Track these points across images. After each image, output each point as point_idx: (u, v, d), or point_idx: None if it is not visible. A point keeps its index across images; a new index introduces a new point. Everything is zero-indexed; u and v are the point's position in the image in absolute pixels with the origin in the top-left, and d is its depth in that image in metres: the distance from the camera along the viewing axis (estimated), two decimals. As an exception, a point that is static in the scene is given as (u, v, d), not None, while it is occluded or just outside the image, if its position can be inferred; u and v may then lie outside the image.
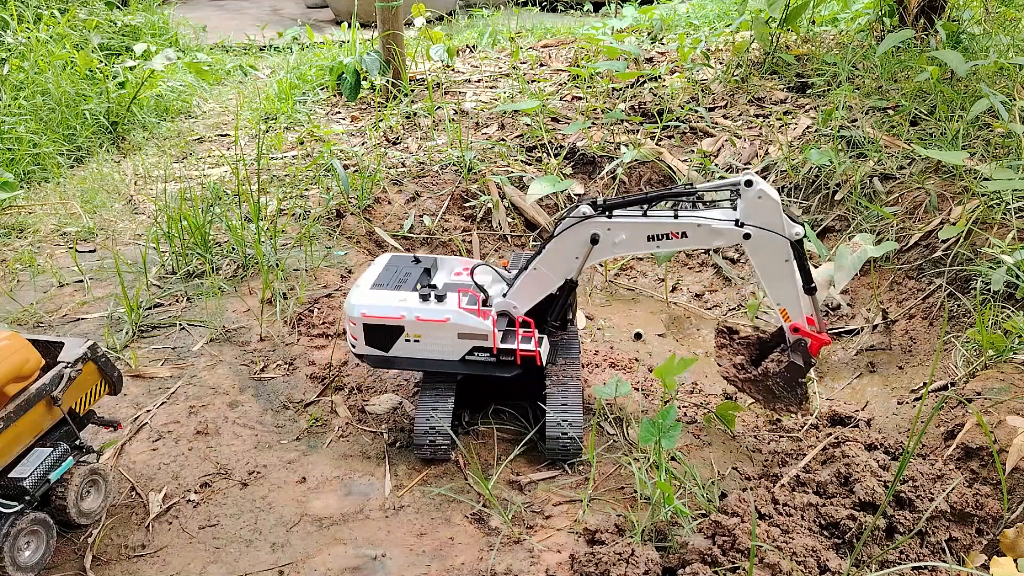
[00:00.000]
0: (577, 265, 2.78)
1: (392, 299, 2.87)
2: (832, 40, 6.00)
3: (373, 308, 2.85)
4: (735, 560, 2.28)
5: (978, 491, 2.50)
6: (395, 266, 3.09)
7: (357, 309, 2.86)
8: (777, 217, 2.58)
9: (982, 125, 4.29)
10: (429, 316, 2.81)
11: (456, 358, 2.87)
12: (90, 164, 5.30)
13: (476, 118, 5.53)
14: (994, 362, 3.00)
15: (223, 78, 7.41)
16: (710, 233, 2.63)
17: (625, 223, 2.67)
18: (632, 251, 2.74)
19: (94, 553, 2.44)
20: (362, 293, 2.92)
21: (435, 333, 2.83)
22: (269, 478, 2.78)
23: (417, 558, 2.46)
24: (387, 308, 2.84)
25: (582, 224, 2.68)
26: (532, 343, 2.81)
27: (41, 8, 6.66)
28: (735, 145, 4.92)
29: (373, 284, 2.96)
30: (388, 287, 2.94)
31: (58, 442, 2.44)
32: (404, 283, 2.96)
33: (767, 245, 2.62)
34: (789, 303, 2.74)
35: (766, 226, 2.59)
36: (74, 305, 3.64)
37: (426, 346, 2.87)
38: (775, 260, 2.64)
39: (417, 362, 2.91)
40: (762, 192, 2.54)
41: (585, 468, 2.83)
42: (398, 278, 3.00)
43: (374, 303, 2.87)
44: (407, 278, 2.99)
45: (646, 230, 2.67)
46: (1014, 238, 3.40)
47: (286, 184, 4.71)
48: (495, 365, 2.85)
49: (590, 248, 2.71)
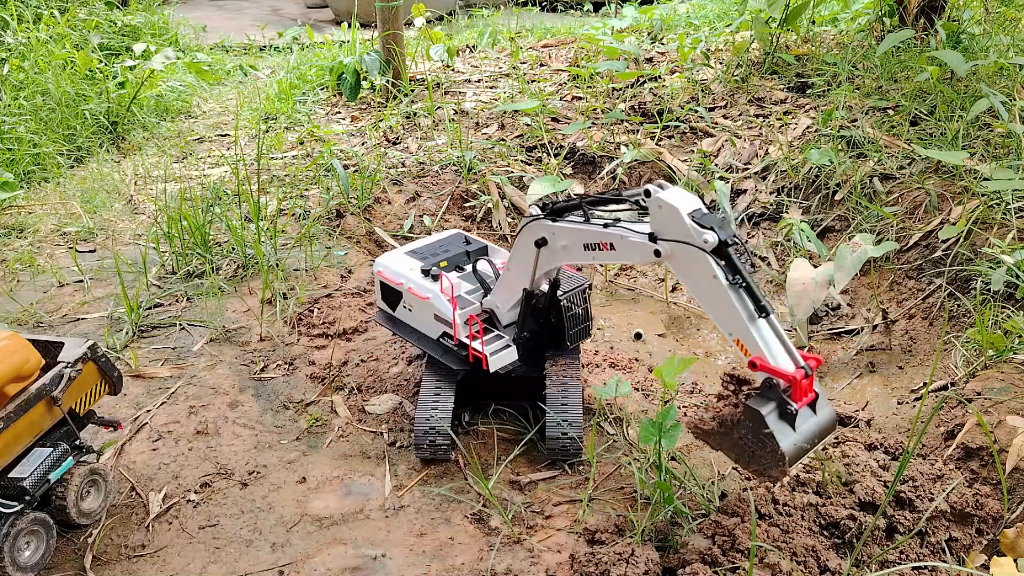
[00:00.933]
0: (529, 271, 2.70)
1: (405, 266, 3.05)
2: (832, 40, 6.00)
3: (387, 269, 3.08)
4: (735, 560, 2.28)
5: (978, 491, 2.50)
6: (446, 241, 3.24)
7: (377, 265, 3.13)
8: (682, 226, 2.18)
9: (982, 125, 4.29)
10: (416, 291, 2.96)
11: (434, 337, 3.01)
12: (90, 164, 5.29)
13: (476, 118, 5.53)
14: (994, 362, 3.00)
15: (223, 78, 7.41)
16: (629, 247, 2.32)
17: (566, 228, 2.50)
18: (575, 260, 2.55)
19: (94, 553, 2.44)
20: (393, 254, 3.16)
21: (420, 308, 3.00)
22: (269, 478, 2.78)
23: (417, 558, 2.46)
24: (396, 272, 3.05)
25: (531, 225, 2.59)
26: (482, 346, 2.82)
27: (41, 8, 6.65)
28: (735, 145, 4.92)
29: (411, 250, 3.16)
30: (418, 256, 3.11)
31: (58, 442, 2.44)
32: (434, 256, 3.10)
33: (685, 262, 2.22)
34: (738, 331, 2.20)
35: (676, 238, 2.20)
36: (74, 305, 3.64)
37: (416, 318, 3.04)
38: (702, 278, 2.20)
39: (409, 330, 3.08)
40: (661, 201, 2.21)
41: (585, 468, 2.83)
42: (436, 251, 3.15)
43: (390, 265, 3.09)
44: (443, 254, 3.13)
45: (582, 238, 2.47)
46: (1014, 238, 3.40)
47: (286, 184, 4.71)
48: (452, 354, 2.94)
49: (538, 252, 2.61)
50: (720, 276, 2.16)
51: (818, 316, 3.98)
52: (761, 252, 4.44)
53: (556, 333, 2.97)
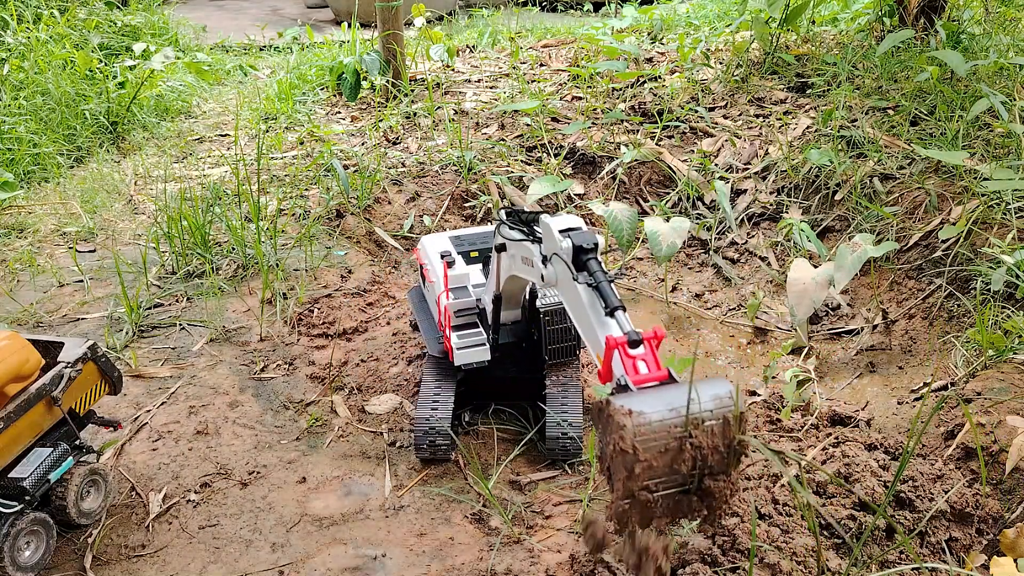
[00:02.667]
0: (494, 275, 2.63)
1: (436, 247, 3.11)
2: (832, 40, 6.00)
3: (422, 249, 3.19)
4: (735, 560, 2.28)
5: (978, 491, 2.50)
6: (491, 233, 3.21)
7: (420, 243, 3.24)
8: (551, 242, 2.05)
9: (982, 125, 4.29)
10: (431, 272, 3.03)
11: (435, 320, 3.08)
12: (90, 164, 5.29)
13: (476, 118, 5.53)
14: (994, 362, 3.00)
15: (223, 78, 7.41)
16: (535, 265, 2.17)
17: (514, 240, 2.36)
18: (522, 272, 2.38)
19: (94, 553, 2.44)
20: (436, 236, 3.25)
21: (432, 292, 3.06)
22: (269, 478, 2.78)
23: (417, 558, 2.46)
24: (425, 253, 3.14)
25: (498, 228, 2.44)
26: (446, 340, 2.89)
27: (41, 8, 6.65)
28: (735, 145, 4.92)
29: (455, 236, 3.22)
30: (456, 242, 3.18)
31: (58, 442, 2.44)
32: (471, 245, 3.16)
33: (560, 279, 2.06)
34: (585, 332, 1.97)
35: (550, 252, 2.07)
36: (74, 305, 3.64)
37: (431, 299, 3.10)
38: (568, 293, 2.04)
39: (426, 311, 3.16)
40: (544, 223, 2.11)
41: (585, 468, 2.83)
42: (475, 241, 3.20)
43: (426, 245, 3.18)
44: (480, 244, 3.19)
45: (520, 251, 2.32)
46: (1014, 238, 3.40)
47: (286, 184, 4.71)
48: (437, 342, 3.00)
49: (499, 257, 2.52)
50: (576, 283, 1.95)
51: (818, 316, 3.98)
52: (761, 252, 4.44)
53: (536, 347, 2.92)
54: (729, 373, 3.75)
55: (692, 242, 4.64)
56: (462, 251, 3.12)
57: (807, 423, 3.14)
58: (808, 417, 3.18)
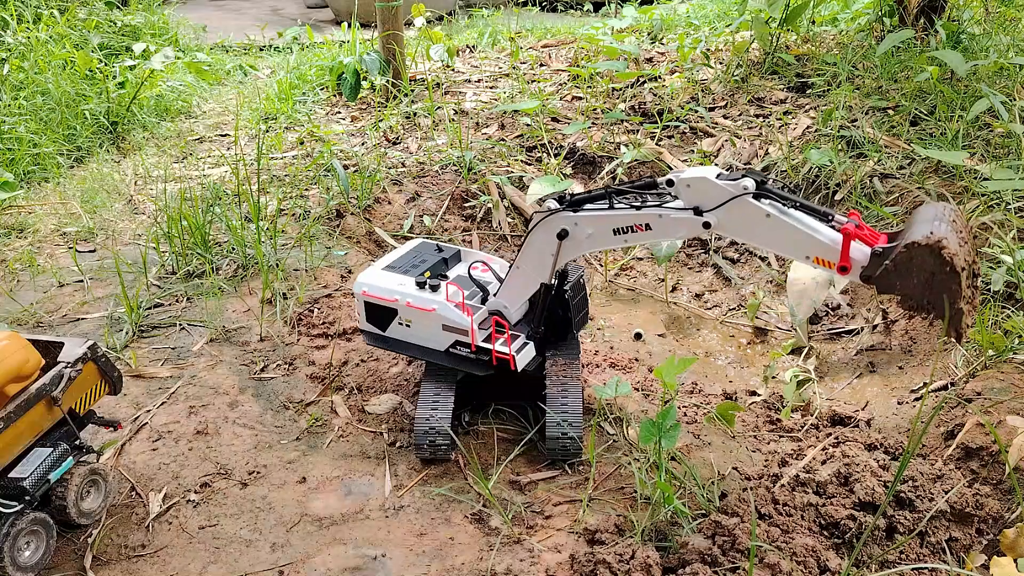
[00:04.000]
0: (550, 264, 2.72)
1: (392, 282, 2.97)
2: (832, 40, 6.00)
3: (373, 288, 2.98)
4: (735, 560, 2.28)
5: (978, 491, 2.50)
6: (418, 251, 3.18)
7: (360, 286, 3.01)
8: (717, 191, 2.36)
9: (982, 125, 4.29)
10: (419, 304, 2.90)
11: (442, 349, 2.95)
12: (90, 164, 5.29)
13: (476, 118, 5.53)
14: (994, 362, 3.00)
15: (223, 78, 7.41)
16: (673, 224, 2.48)
17: (591, 217, 2.60)
18: (601, 246, 2.67)
19: (94, 553, 2.44)
20: (372, 272, 3.06)
21: (423, 321, 2.92)
22: (269, 478, 2.78)
23: (417, 558, 2.46)
24: (384, 290, 2.96)
25: (550, 219, 2.63)
26: (508, 347, 2.83)
27: (41, 8, 6.65)
28: (735, 145, 4.92)
29: (387, 265, 3.07)
30: (398, 270, 3.04)
31: (58, 442, 2.44)
32: (414, 268, 3.03)
33: (738, 219, 2.37)
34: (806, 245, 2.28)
35: (719, 203, 2.37)
36: (74, 305, 3.64)
37: (416, 332, 2.96)
38: (756, 223, 2.33)
39: (408, 346, 3.01)
40: (688, 181, 2.40)
41: (585, 468, 2.83)
42: (413, 263, 3.08)
43: (374, 283, 2.99)
44: (421, 264, 3.07)
45: (612, 223, 2.58)
46: (1014, 238, 3.40)
47: (286, 184, 4.71)
48: (472, 362, 2.91)
49: (559, 244, 2.65)
50: (773, 211, 2.30)
51: (818, 316, 3.98)
52: (761, 252, 4.44)
53: (561, 324, 2.99)
54: (729, 373, 3.75)
55: (692, 242, 4.64)
56: (417, 275, 2.98)
57: (807, 423, 3.14)
58: (808, 417, 3.18)
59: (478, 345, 2.85)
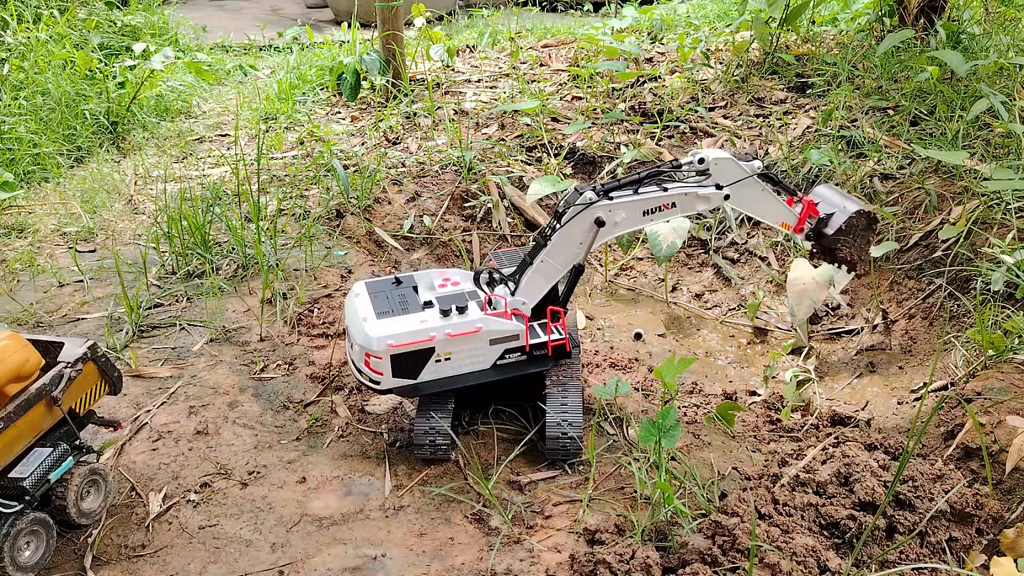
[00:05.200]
0: (584, 250, 2.82)
1: (413, 323, 2.73)
2: (832, 40, 6.00)
3: (400, 336, 2.68)
4: (735, 560, 2.28)
5: (978, 491, 2.50)
6: (381, 292, 2.92)
7: (382, 341, 2.67)
8: (737, 170, 2.91)
9: (982, 125, 4.29)
10: (460, 330, 2.73)
11: (488, 366, 2.83)
12: (90, 164, 5.30)
13: (476, 118, 5.54)
14: (994, 362, 3.00)
15: (223, 78, 7.41)
16: (696, 199, 2.90)
17: (624, 203, 2.81)
18: (630, 227, 2.89)
19: (94, 553, 2.44)
20: (377, 325, 2.72)
21: (467, 346, 2.76)
22: (269, 478, 2.78)
23: (417, 558, 2.46)
24: (414, 333, 2.70)
25: (588, 210, 2.78)
26: (553, 333, 2.87)
27: (41, 8, 6.65)
28: (735, 145, 4.92)
29: (379, 314, 2.77)
30: (395, 314, 2.79)
31: (58, 442, 2.44)
32: (409, 305, 2.83)
33: (743, 193, 2.96)
34: (781, 214, 3.05)
35: (735, 179, 2.92)
36: (74, 305, 3.64)
37: (457, 362, 2.79)
38: (755, 195, 2.98)
39: (447, 380, 2.81)
40: (716, 159, 2.88)
41: (585, 468, 2.83)
42: (396, 303, 2.85)
43: (399, 331, 2.69)
44: (405, 301, 2.85)
45: (642, 206, 2.85)
46: (1014, 238, 3.40)
47: (286, 184, 4.71)
48: (528, 362, 2.87)
49: (596, 231, 2.79)
50: (766, 187, 2.95)
51: (818, 316, 3.98)
52: (761, 252, 4.44)
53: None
54: (729, 373, 3.75)
55: (692, 242, 4.64)
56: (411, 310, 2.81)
57: (807, 423, 3.14)
58: (808, 417, 3.18)
59: (531, 344, 2.84)
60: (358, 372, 2.83)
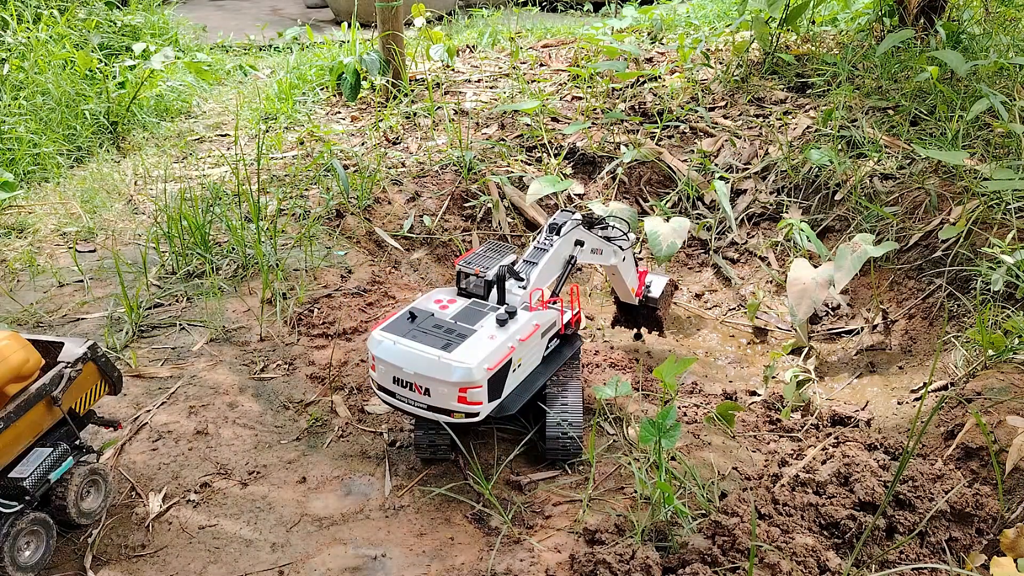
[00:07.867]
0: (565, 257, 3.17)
1: (485, 341, 2.63)
2: (832, 40, 6.00)
3: (487, 358, 2.56)
4: (735, 560, 2.28)
5: (978, 491, 2.50)
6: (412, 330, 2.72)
7: (480, 368, 2.53)
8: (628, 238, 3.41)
9: (982, 125, 4.29)
10: (527, 332, 2.70)
11: (539, 361, 2.83)
12: (90, 164, 5.29)
13: (476, 118, 5.54)
14: (994, 362, 3.00)
15: (223, 78, 7.41)
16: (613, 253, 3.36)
17: (590, 236, 3.23)
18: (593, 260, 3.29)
19: (94, 553, 2.44)
20: (458, 356, 2.56)
21: (530, 347, 2.75)
22: (269, 478, 2.78)
23: (417, 558, 2.46)
24: (497, 350, 2.61)
25: (575, 230, 3.15)
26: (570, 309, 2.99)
27: (41, 8, 6.65)
28: (735, 145, 4.92)
29: (443, 347, 2.61)
30: (456, 342, 2.64)
31: (58, 442, 2.44)
32: (456, 329, 2.72)
33: (627, 256, 3.49)
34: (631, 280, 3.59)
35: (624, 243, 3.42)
36: (74, 305, 3.64)
37: (526, 364, 2.76)
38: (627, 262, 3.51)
39: (522, 388, 2.75)
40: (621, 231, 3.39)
41: (585, 468, 2.83)
42: (442, 332, 2.70)
43: (484, 353, 2.57)
44: (444, 326, 2.73)
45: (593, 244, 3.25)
46: (1014, 238, 3.40)
47: (286, 184, 4.71)
48: (569, 342, 2.98)
49: (576, 248, 3.19)
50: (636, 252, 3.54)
51: (818, 316, 3.98)
52: (761, 252, 4.44)
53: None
54: (729, 373, 3.75)
55: (692, 242, 4.64)
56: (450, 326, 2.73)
57: (807, 423, 3.14)
58: (808, 417, 3.18)
59: (564, 325, 2.92)
60: (445, 414, 2.61)
